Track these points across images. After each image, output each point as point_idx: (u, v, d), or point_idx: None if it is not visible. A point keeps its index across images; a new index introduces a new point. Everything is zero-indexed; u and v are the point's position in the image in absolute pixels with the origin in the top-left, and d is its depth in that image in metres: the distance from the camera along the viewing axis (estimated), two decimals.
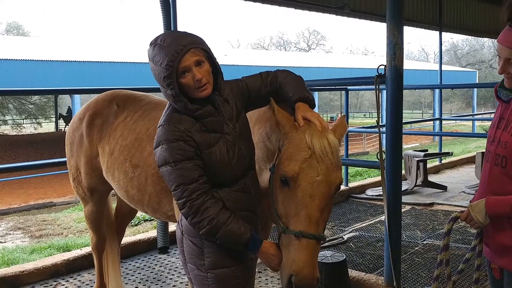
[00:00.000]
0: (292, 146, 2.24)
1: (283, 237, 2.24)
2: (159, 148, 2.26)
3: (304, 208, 2.17)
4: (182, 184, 2.20)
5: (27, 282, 4.99)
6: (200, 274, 2.40)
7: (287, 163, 2.22)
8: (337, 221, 7.28)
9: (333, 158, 2.22)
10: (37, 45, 27.98)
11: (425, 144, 26.39)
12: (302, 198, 2.18)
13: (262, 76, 2.57)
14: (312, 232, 2.16)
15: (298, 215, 2.18)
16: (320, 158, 2.19)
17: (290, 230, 2.19)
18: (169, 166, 2.21)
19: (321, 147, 2.20)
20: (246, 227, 2.26)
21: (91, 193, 4.12)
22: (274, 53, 53.23)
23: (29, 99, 40.14)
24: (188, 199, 2.20)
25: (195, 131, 2.26)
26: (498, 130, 2.46)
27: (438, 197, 8.65)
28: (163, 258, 5.74)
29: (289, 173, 2.20)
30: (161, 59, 2.19)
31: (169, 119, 2.29)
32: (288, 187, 2.22)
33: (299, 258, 2.15)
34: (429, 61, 71.41)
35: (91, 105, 4.08)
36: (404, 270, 5.14)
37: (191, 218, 2.22)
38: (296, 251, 2.16)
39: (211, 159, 2.27)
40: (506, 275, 2.46)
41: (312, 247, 2.17)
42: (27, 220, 9.06)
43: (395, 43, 4.14)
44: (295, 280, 2.14)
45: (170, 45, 2.19)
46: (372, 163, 5.27)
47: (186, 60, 2.20)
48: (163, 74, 2.20)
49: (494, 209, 2.37)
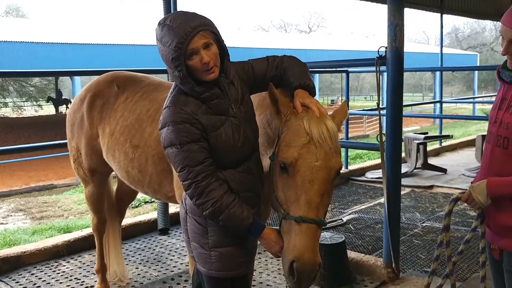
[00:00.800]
0: (291, 132, 2.25)
1: (284, 224, 2.25)
2: (165, 129, 2.26)
3: (304, 193, 2.18)
4: (187, 166, 2.22)
5: (28, 263, 5.04)
6: (203, 252, 2.43)
7: (285, 150, 2.23)
8: (337, 203, 7.32)
9: (331, 143, 2.22)
10: (37, 27, 27.78)
11: (425, 127, 26.36)
12: (301, 183, 2.19)
13: (268, 60, 2.57)
14: (312, 217, 2.17)
15: (298, 201, 2.20)
16: (319, 143, 2.20)
17: (290, 216, 2.20)
18: (175, 147, 2.22)
19: (319, 133, 2.20)
20: (249, 211, 2.28)
21: (91, 174, 4.14)
22: (274, 35, 52.87)
23: (30, 81, 40.01)
24: (194, 180, 2.22)
25: (201, 114, 2.26)
26: (500, 111, 2.45)
27: (437, 180, 8.68)
28: (163, 240, 5.78)
29: (287, 159, 2.21)
30: (170, 40, 2.18)
31: (175, 101, 2.28)
32: (288, 173, 2.23)
33: (300, 243, 2.16)
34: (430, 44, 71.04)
35: (92, 86, 4.08)
36: (403, 252, 5.18)
37: (196, 199, 2.25)
38: (296, 237, 2.17)
39: (217, 141, 2.28)
40: (505, 256, 2.48)
41: (312, 232, 2.18)
42: (28, 202, 9.09)
43: (396, 24, 4.13)
44: (297, 265, 2.16)
45: (180, 27, 2.17)
46: (372, 146, 5.28)
47: (195, 43, 2.19)
48: (171, 55, 2.19)
49: (495, 190, 2.37)
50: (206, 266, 2.44)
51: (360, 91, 67.21)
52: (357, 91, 65.22)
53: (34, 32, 24.37)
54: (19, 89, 40.67)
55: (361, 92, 66.11)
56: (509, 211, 2.39)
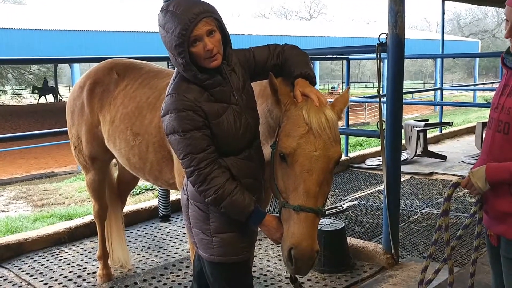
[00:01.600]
0: (290, 122, 2.26)
1: (284, 212, 2.27)
2: (167, 117, 2.26)
3: (302, 182, 2.20)
4: (190, 153, 2.23)
5: (30, 250, 5.06)
6: (205, 238, 2.45)
7: (285, 140, 2.24)
8: (337, 190, 7.34)
9: (330, 133, 2.23)
10: (35, 14, 27.65)
11: (425, 114, 26.35)
12: (300, 173, 2.20)
13: (270, 48, 2.57)
14: (310, 206, 2.19)
15: (296, 190, 2.21)
16: (318, 133, 2.20)
17: (289, 205, 2.22)
18: (178, 135, 2.23)
19: (318, 122, 2.20)
20: (251, 199, 2.30)
21: (92, 161, 4.15)
22: (275, 22, 52.63)
23: (28, 69, 39.90)
24: (196, 168, 2.23)
25: (203, 101, 2.27)
26: (502, 96, 2.44)
27: (437, 167, 8.70)
28: (164, 226, 5.81)
29: (286, 149, 2.22)
30: (173, 26, 2.17)
31: (178, 88, 2.29)
32: (287, 163, 2.24)
33: (298, 231, 2.18)
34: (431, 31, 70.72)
35: (92, 73, 4.08)
36: (402, 238, 5.21)
37: (198, 186, 2.26)
38: (295, 225, 2.19)
39: (219, 129, 2.29)
40: (503, 242, 2.48)
41: (310, 220, 2.20)
42: (29, 189, 9.11)
43: (397, 11, 4.11)
44: (294, 252, 2.18)
45: (183, 13, 2.16)
46: (372, 133, 5.28)
47: (199, 29, 2.18)
48: (174, 42, 2.19)
49: (494, 175, 2.37)
50: (207, 252, 2.46)
51: (361, 78, 67.07)
52: (358, 78, 65.10)
53: (32, 19, 24.27)
54: (17, 77, 40.63)
55: (362, 79, 65.99)
56: (507, 197, 2.40)
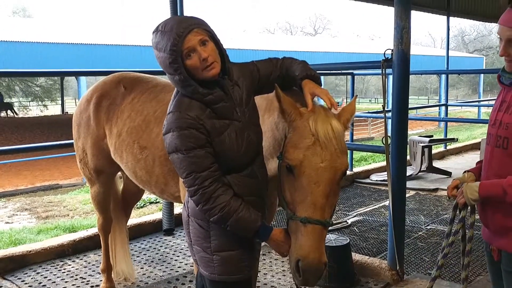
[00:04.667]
0: (296, 134, 2.25)
1: (291, 223, 2.26)
2: (169, 135, 2.23)
3: (310, 194, 2.19)
4: (194, 172, 2.20)
5: (34, 262, 5.06)
6: (206, 256, 2.43)
7: (291, 151, 2.23)
8: (341, 205, 7.31)
9: (337, 144, 2.22)
10: (43, 28, 27.88)
11: (430, 130, 26.28)
12: (307, 185, 2.19)
13: (272, 61, 2.58)
14: (317, 218, 2.18)
15: (303, 202, 2.20)
16: (324, 144, 2.19)
17: (296, 217, 2.21)
18: (180, 153, 2.20)
19: (324, 133, 2.19)
20: (257, 215, 2.28)
21: (97, 174, 4.16)
22: (280, 37, 52.89)
23: (35, 81, 40.12)
24: (200, 186, 2.20)
25: (205, 118, 2.23)
26: (499, 112, 2.47)
27: (442, 183, 8.66)
28: (168, 240, 5.79)
29: (293, 161, 2.21)
30: (164, 44, 2.17)
31: (179, 106, 2.25)
32: (293, 175, 2.22)
33: (305, 244, 2.17)
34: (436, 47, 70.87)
35: (99, 86, 4.10)
36: (407, 255, 5.17)
37: (203, 205, 2.23)
38: (302, 237, 2.18)
39: (221, 146, 2.26)
40: (504, 256, 2.48)
41: (318, 232, 2.19)
42: (33, 201, 9.13)
43: (403, 27, 4.13)
44: (302, 264, 2.17)
45: (172, 29, 2.16)
46: (377, 148, 5.28)
47: (190, 41, 2.17)
48: (168, 60, 2.17)
49: (486, 190, 2.40)
50: (208, 270, 2.44)
51: (365, 93, 67.08)
52: (362, 93, 65.10)
53: (40, 32, 24.47)
54: (25, 89, 40.83)
55: (366, 94, 66.00)
56: (507, 211, 2.40)
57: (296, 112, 2.30)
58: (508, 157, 2.39)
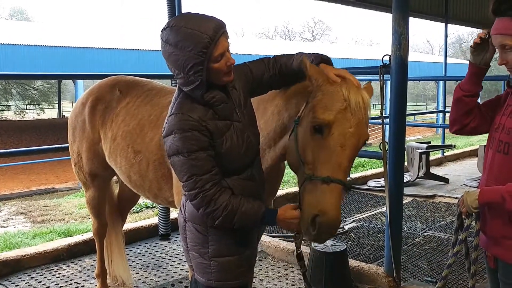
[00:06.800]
0: (328, 97, 2.28)
1: (307, 184, 2.26)
2: (170, 137, 2.19)
3: (335, 156, 2.22)
4: (195, 175, 2.16)
5: (28, 266, 5.02)
6: (203, 262, 2.39)
7: (322, 111, 2.24)
8: None
9: (364, 114, 2.29)
10: (41, 31, 27.85)
11: (428, 137, 26.33)
12: (334, 146, 2.23)
13: (264, 61, 2.57)
14: (340, 178, 2.22)
15: (328, 162, 2.22)
16: (354, 111, 2.24)
17: (317, 177, 2.22)
18: (182, 156, 2.16)
19: (356, 102, 2.25)
20: (258, 203, 2.28)
21: (92, 178, 4.13)
22: (278, 42, 52.97)
23: (32, 84, 40.03)
24: (201, 190, 2.17)
25: (208, 120, 2.21)
26: (503, 116, 2.45)
27: (439, 190, 8.65)
28: (164, 245, 5.76)
29: (324, 120, 2.23)
30: (192, 44, 2.10)
31: (182, 107, 2.22)
32: (322, 134, 2.25)
33: (327, 201, 2.19)
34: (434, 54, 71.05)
35: (94, 90, 4.08)
36: (404, 261, 5.15)
37: (204, 208, 2.20)
38: (322, 194, 2.20)
39: (222, 148, 2.24)
40: (501, 266, 2.46)
41: (338, 191, 2.22)
42: (29, 205, 9.09)
43: (401, 33, 4.12)
44: (321, 219, 2.17)
45: (201, 30, 2.11)
46: (374, 154, 5.26)
47: (223, 45, 2.17)
48: (193, 61, 2.11)
49: (485, 197, 2.38)
50: (205, 276, 2.41)
51: None
52: None
53: (37, 36, 24.44)
54: (22, 92, 40.70)
55: None
56: (504, 219, 2.38)
57: (324, 78, 2.32)
58: (508, 163, 2.37)
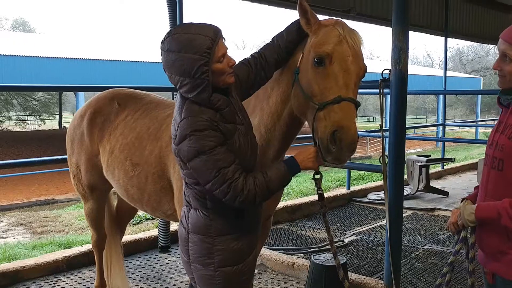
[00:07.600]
0: (323, 34, 2.42)
1: (318, 114, 2.34)
2: (186, 141, 2.20)
3: (341, 78, 2.34)
4: (222, 168, 2.19)
5: (28, 278, 5.01)
6: (207, 273, 2.39)
7: (320, 45, 2.39)
8: (338, 224, 7.28)
9: (359, 50, 2.42)
10: (43, 42, 27.99)
11: (428, 150, 26.30)
12: (338, 71, 2.35)
13: (244, 63, 2.63)
14: (350, 96, 2.32)
15: (336, 85, 2.34)
16: (351, 44, 2.39)
17: (327, 101, 2.31)
18: (204, 155, 2.18)
19: (351, 37, 2.40)
20: (276, 164, 2.37)
21: (91, 191, 4.13)
22: None
23: (33, 95, 40.12)
24: (232, 179, 2.19)
25: (218, 121, 2.26)
26: (497, 133, 2.48)
27: (439, 203, 8.65)
28: (164, 257, 5.75)
29: (324, 51, 2.36)
30: (196, 47, 2.17)
31: (191, 111, 2.25)
32: (324, 65, 2.35)
33: (341, 116, 2.27)
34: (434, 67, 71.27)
35: (92, 103, 4.09)
36: (404, 275, 5.14)
37: (240, 197, 2.21)
38: (336, 112, 2.28)
39: (232, 150, 2.27)
40: (498, 282, 2.46)
41: (351, 108, 2.31)
42: (29, 216, 9.07)
43: (400, 47, 4.14)
44: (340, 133, 2.24)
45: (202, 33, 2.20)
46: (374, 167, 5.27)
47: (222, 47, 2.26)
48: (199, 62, 2.17)
49: (482, 212, 2.40)
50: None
51: (363, 112, 67.27)
52: (360, 112, 65.17)
53: (39, 47, 24.55)
54: (23, 103, 40.78)
55: (364, 113, 66.16)
56: (500, 234, 2.39)
57: (320, 23, 2.48)
58: (502, 179, 2.38)
